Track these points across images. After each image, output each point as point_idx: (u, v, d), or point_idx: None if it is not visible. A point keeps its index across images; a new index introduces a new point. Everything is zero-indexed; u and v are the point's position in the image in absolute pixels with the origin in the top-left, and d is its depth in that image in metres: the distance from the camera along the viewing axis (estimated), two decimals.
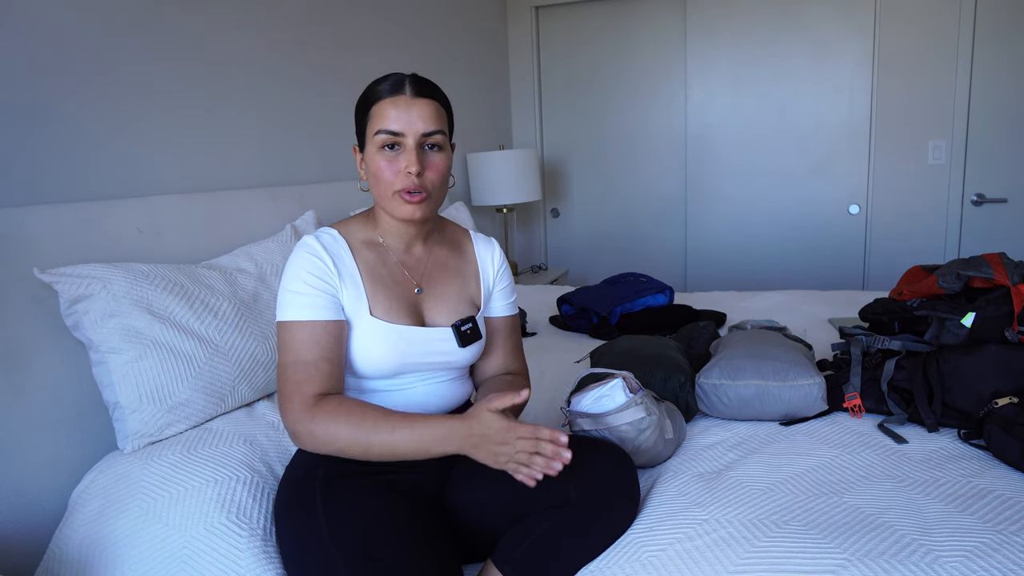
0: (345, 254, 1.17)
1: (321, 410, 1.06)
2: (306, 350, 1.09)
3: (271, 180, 2.13)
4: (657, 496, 1.22)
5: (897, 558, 0.98)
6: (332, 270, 1.13)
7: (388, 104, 1.12)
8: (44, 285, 1.36)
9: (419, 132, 1.12)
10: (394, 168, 1.12)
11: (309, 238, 1.16)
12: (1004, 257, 1.57)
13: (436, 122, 1.13)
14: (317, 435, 1.05)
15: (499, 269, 1.33)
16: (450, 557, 1.05)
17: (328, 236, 1.18)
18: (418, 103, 1.12)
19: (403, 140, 1.12)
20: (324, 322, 1.10)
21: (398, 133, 1.11)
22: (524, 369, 1.36)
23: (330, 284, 1.12)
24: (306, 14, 2.28)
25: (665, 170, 3.79)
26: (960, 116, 3.25)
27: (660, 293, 2.33)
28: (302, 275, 1.12)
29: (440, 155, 1.15)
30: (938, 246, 3.40)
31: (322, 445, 1.06)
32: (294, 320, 1.10)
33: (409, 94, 1.12)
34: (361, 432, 1.04)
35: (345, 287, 1.14)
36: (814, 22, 3.40)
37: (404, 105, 1.11)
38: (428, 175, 1.13)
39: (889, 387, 1.48)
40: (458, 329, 1.21)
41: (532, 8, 3.85)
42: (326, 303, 1.11)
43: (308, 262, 1.12)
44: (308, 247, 1.14)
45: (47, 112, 1.46)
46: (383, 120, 1.12)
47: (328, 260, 1.13)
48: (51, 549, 1.26)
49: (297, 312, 1.10)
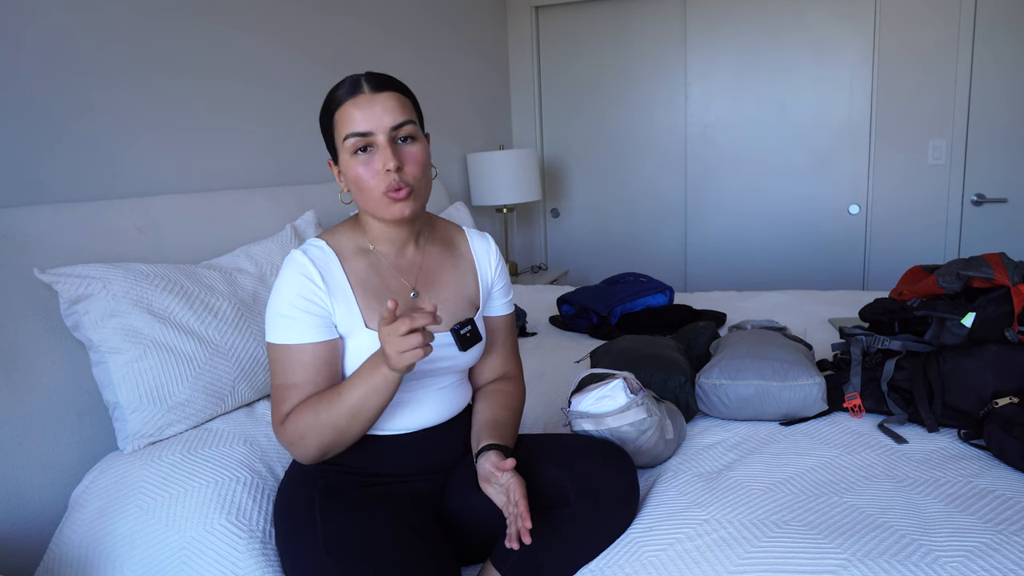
0: (335, 267, 1.13)
1: (290, 417, 1.08)
2: (294, 373, 1.09)
3: (271, 180, 2.13)
4: (657, 496, 1.22)
5: (897, 558, 0.98)
6: (321, 287, 1.10)
7: (350, 106, 1.08)
8: (44, 285, 1.36)
9: (387, 127, 1.08)
10: (372, 170, 1.09)
11: (297, 254, 1.12)
12: (1004, 257, 1.57)
13: (403, 113, 1.10)
14: (294, 441, 1.07)
15: (497, 266, 1.31)
16: (448, 562, 1.04)
17: (316, 249, 1.14)
18: (379, 98, 1.09)
19: (374, 139, 1.08)
20: (313, 344, 1.09)
21: (367, 133, 1.08)
22: (519, 371, 1.35)
23: (320, 305, 1.10)
24: (306, 14, 2.28)
25: (665, 170, 3.79)
26: (960, 116, 3.25)
27: (660, 293, 2.33)
28: (291, 298, 1.09)
29: (415, 146, 1.12)
30: (938, 246, 3.40)
31: (306, 448, 1.07)
32: (284, 344, 1.09)
33: (368, 91, 1.09)
34: (320, 413, 1.05)
35: (337, 304, 1.11)
36: (814, 22, 3.40)
37: (366, 103, 1.08)
38: (407, 169, 1.10)
39: (889, 387, 1.48)
40: (457, 333, 1.12)
41: (532, 8, 3.85)
42: (316, 324, 1.09)
43: (298, 283, 1.09)
44: (297, 264, 1.11)
45: (47, 112, 1.46)
46: (349, 123, 1.08)
47: (317, 278, 1.10)
48: (51, 549, 1.26)
49: (286, 336, 1.09)
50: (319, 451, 1.08)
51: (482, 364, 1.31)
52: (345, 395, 1.04)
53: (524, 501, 1.03)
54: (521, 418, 1.32)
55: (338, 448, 1.09)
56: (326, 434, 1.05)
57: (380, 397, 1.03)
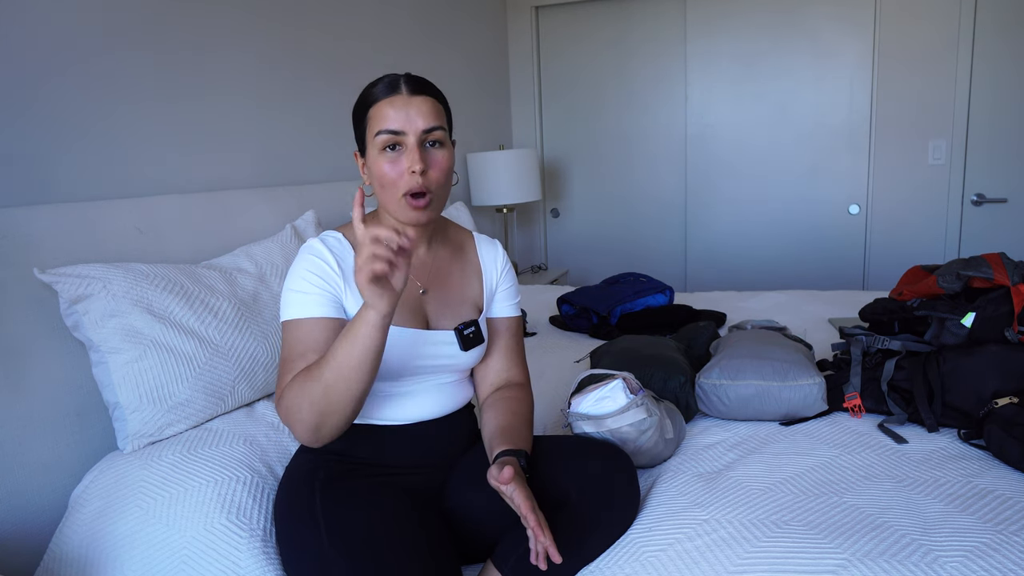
0: (350, 256, 1.16)
1: (285, 388, 1.05)
2: (301, 344, 1.08)
3: (271, 180, 2.13)
4: (657, 496, 1.22)
5: (897, 558, 0.98)
6: (336, 271, 1.12)
7: (386, 104, 1.12)
8: (44, 285, 1.36)
9: (419, 129, 1.11)
10: (398, 169, 1.12)
11: (313, 240, 1.16)
12: (1004, 257, 1.57)
13: (435, 118, 1.13)
14: (289, 409, 1.03)
15: (503, 270, 1.33)
16: (449, 558, 1.05)
17: (332, 239, 1.17)
18: (416, 100, 1.12)
19: (404, 139, 1.11)
20: (323, 319, 1.10)
21: (399, 132, 1.11)
22: (525, 377, 1.34)
23: (332, 285, 1.12)
24: (306, 14, 2.28)
25: (665, 170, 3.79)
26: (960, 116, 3.25)
27: (660, 293, 2.33)
28: (303, 274, 1.11)
29: (442, 152, 1.14)
30: (938, 246, 3.40)
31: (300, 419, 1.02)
32: (294, 318, 1.10)
33: (406, 92, 1.12)
34: (311, 378, 1.00)
35: (350, 289, 1.13)
36: (814, 22, 3.40)
37: (402, 104, 1.11)
38: (432, 173, 1.13)
39: (889, 387, 1.48)
40: (461, 333, 1.20)
41: (532, 8, 3.85)
42: (327, 301, 1.11)
43: (310, 263, 1.12)
44: (312, 249, 1.14)
45: (47, 112, 1.46)
46: (382, 120, 1.11)
47: (332, 261, 1.13)
48: (51, 549, 1.26)
49: (297, 310, 1.10)
50: (313, 418, 1.02)
51: (486, 366, 1.31)
52: (331, 352, 1.00)
53: (533, 516, 0.98)
54: (533, 423, 1.30)
55: (333, 418, 1.02)
56: (318, 398, 1.00)
57: (364, 345, 0.97)
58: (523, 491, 1.01)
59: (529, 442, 1.18)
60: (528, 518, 0.98)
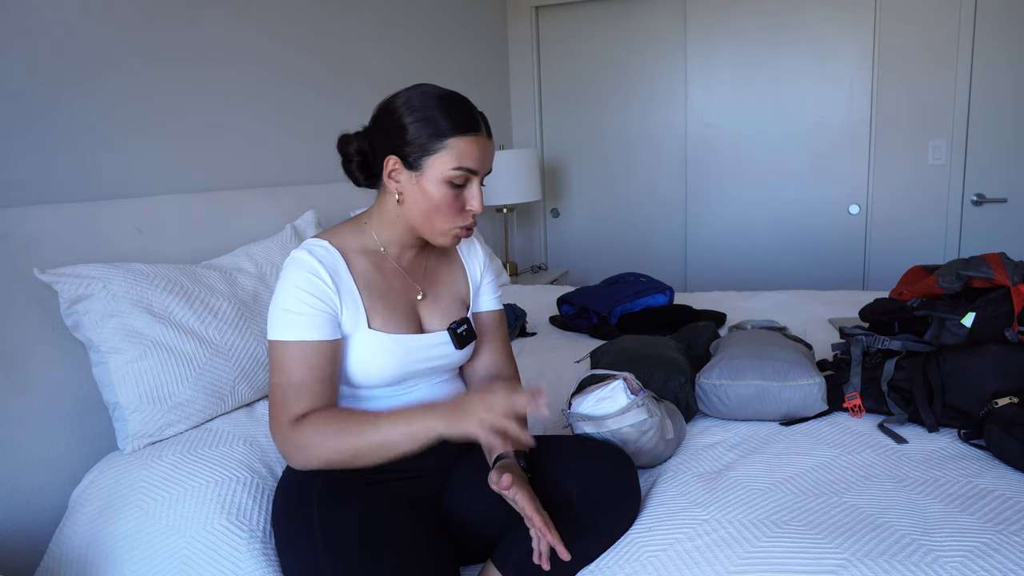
0: (341, 267, 1.13)
1: (307, 422, 1.04)
2: (297, 371, 1.06)
3: (271, 180, 2.13)
4: (657, 496, 1.22)
5: (897, 558, 0.98)
6: (330, 286, 1.09)
7: (471, 142, 1.10)
8: (44, 285, 1.36)
9: (487, 172, 1.15)
10: (457, 204, 1.13)
11: (302, 253, 1.11)
12: (1004, 257, 1.57)
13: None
14: (304, 447, 1.03)
15: (484, 264, 1.35)
16: (447, 559, 1.05)
17: (321, 249, 1.13)
18: (491, 145, 1.15)
19: (473, 178, 1.13)
20: (317, 343, 1.07)
21: (475, 171, 1.12)
22: (514, 369, 1.35)
23: (328, 303, 1.09)
24: (306, 14, 2.28)
25: (665, 170, 3.79)
26: (960, 116, 3.25)
27: (660, 293, 2.33)
28: (297, 293, 1.07)
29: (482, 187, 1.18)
30: (938, 246, 3.40)
31: (311, 458, 1.04)
32: (286, 340, 1.07)
33: (485, 135, 1.13)
34: (347, 434, 1.01)
35: (344, 304, 1.11)
36: (814, 22, 3.40)
37: (484, 146, 1.13)
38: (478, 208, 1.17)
39: (889, 387, 1.48)
40: (454, 332, 1.22)
41: (532, 8, 3.85)
42: (322, 322, 1.08)
43: (305, 280, 1.08)
44: (303, 263, 1.10)
45: (47, 111, 1.46)
46: (465, 157, 1.10)
47: (327, 277, 1.09)
48: (51, 549, 1.26)
49: (290, 332, 1.07)
50: (323, 465, 1.05)
51: (475, 361, 1.32)
52: (382, 428, 1.01)
53: (538, 516, 0.99)
54: (527, 417, 1.32)
55: (340, 467, 1.06)
56: (343, 453, 1.02)
57: (413, 445, 1.01)
58: (526, 493, 1.01)
59: None
60: (534, 519, 0.99)
